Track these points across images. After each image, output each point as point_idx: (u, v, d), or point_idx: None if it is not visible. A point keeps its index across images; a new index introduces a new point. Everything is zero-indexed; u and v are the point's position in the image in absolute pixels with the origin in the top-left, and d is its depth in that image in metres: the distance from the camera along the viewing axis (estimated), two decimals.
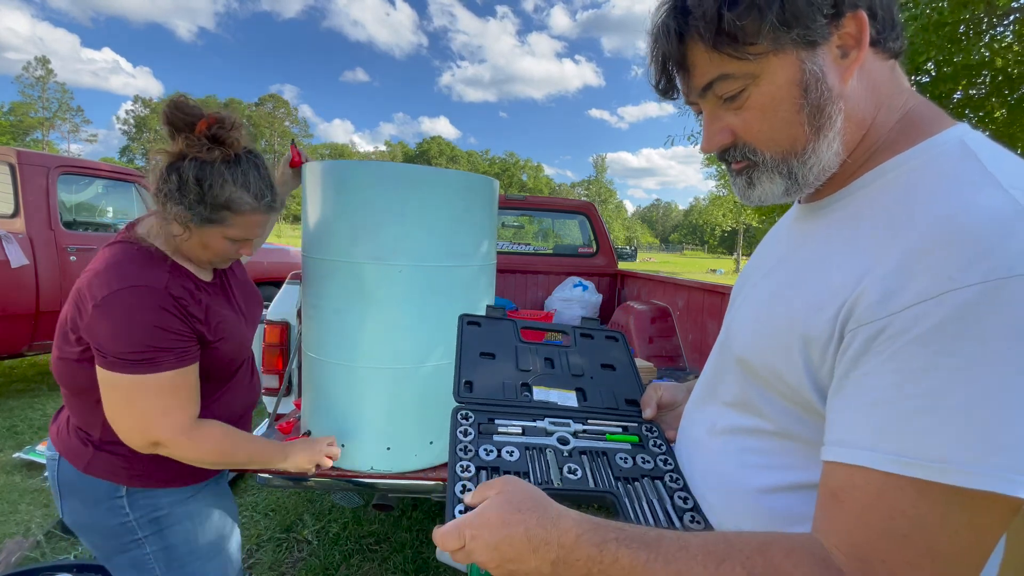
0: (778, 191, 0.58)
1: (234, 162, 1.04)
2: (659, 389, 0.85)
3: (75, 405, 1.06)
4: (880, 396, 0.43)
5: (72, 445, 1.06)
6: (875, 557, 0.42)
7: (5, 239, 3.41)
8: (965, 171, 0.48)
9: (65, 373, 1.03)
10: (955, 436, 0.39)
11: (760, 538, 0.47)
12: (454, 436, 0.71)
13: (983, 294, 0.40)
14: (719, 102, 0.57)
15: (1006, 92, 5.28)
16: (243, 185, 1.04)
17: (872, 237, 0.50)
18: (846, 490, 0.44)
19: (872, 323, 0.44)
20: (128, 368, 0.96)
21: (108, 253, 1.01)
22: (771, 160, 0.56)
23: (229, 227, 1.06)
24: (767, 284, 0.63)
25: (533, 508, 0.50)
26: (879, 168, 0.54)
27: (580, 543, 0.48)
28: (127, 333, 0.96)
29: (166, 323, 0.99)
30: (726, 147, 0.59)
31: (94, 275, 0.97)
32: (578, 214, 4.32)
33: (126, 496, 1.06)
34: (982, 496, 0.39)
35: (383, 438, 1.50)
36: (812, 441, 0.52)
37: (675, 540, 0.47)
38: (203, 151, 1.01)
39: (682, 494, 0.66)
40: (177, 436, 1.01)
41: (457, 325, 0.93)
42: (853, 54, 0.52)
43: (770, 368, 0.55)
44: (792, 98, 0.53)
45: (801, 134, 0.54)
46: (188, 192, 1.00)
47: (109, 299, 0.95)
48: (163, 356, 0.99)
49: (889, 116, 0.55)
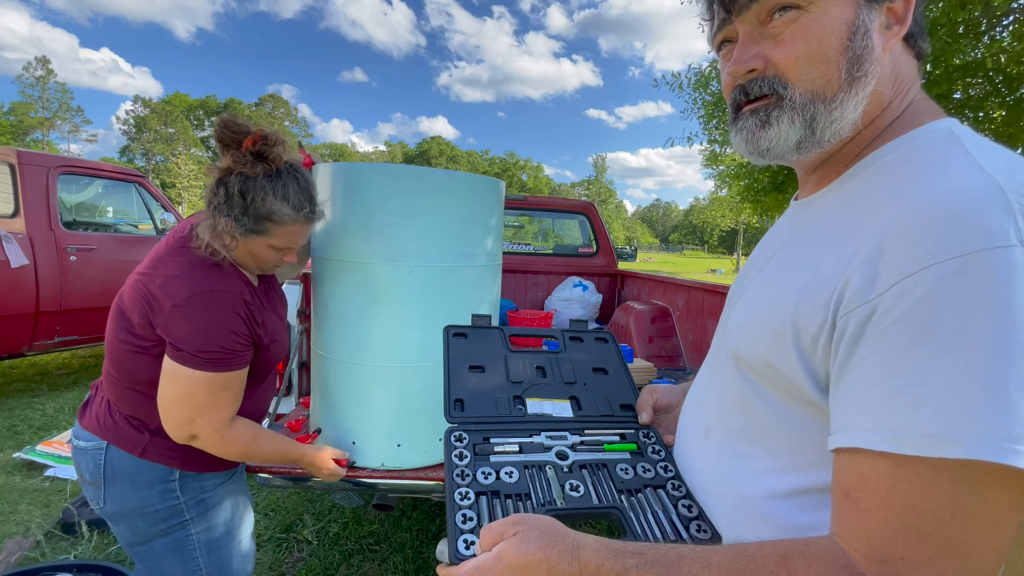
0: (793, 138, 0.55)
1: (275, 176, 1.12)
2: (654, 392, 0.85)
3: (130, 396, 1.13)
4: (872, 377, 0.43)
5: (125, 432, 1.13)
6: (894, 556, 0.41)
7: (5, 239, 3.41)
8: (948, 155, 0.49)
9: (133, 366, 1.10)
10: (943, 409, 0.39)
11: (781, 549, 0.46)
12: (449, 461, 0.69)
13: (962, 267, 0.40)
14: (760, 25, 0.55)
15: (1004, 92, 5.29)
16: (283, 197, 1.12)
17: (859, 223, 0.50)
18: (858, 488, 0.44)
19: (861, 306, 0.45)
20: (200, 364, 1.05)
21: (182, 259, 1.10)
22: (799, 98, 0.54)
23: (271, 237, 1.14)
24: (760, 278, 0.63)
25: (552, 544, 0.50)
26: (870, 156, 0.56)
27: (602, 573, 0.48)
28: (206, 332, 1.06)
29: (238, 327, 1.10)
30: (754, 75, 0.56)
31: (170, 278, 1.07)
32: (578, 214, 4.33)
33: (178, 479, 1.15)
34: (983, 472, 0.39)
35: (393, 435, 1.52)
36: (808, 440, 0.52)
37: (696, 560, 0.47)
38: (247, 166, 1.09)
39: (686, 502, 0.66)
40: (214, 432, 1.10)
41: (443, 338, 0.91)
42: (895, 29, 0.54)
43: (764, 360, 0.55)
44: (839, 35, 0.52)
45: (836, 77, 0.53)
46: (234, 205, 1.09)
47: (191, 300, 1.05)
48: (230, 357, 1.09)
49: (901, 104, 0.57)
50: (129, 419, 1.13)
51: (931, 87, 5.15)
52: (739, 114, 0.59)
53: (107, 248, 4.05)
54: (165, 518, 1.14)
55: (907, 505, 0.41)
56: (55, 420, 3.50)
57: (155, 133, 62.02)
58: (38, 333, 3.70)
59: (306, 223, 1.19)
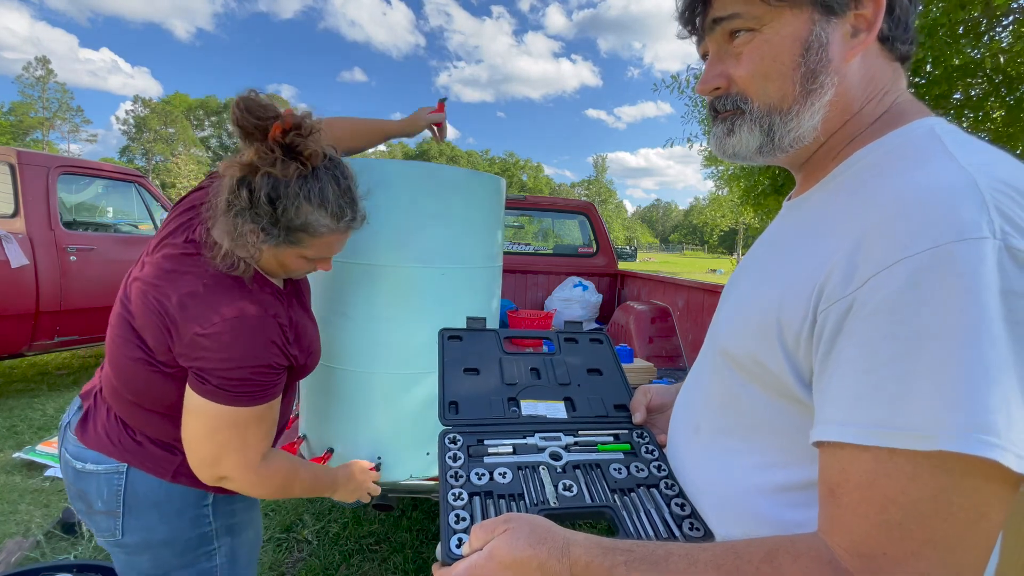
0: (753, 144, 0.60)
1: (311, 176, 0.92)
2: (648, 392, 0.85)
3: (152, 419, 0.96)
4: (851, 370, 0.44)
5: (152, 453, 0.96)
6: (877, 551, 0.42)
7: (5, 239, 3.42)
8: (926, 152, 0.50)
9: (152, 389, 0.94)
10: (920, 401, 0.40)
11: (768, 545, 0.47)
12: (443, 462, 0.70)
13: (934, 259, 0.40)
14: (725, 43, 0.59)
15: (1004, 93, 5.29)
16: (320, 204, 0.93)
17: (839, 220, 0.51)
18: (841, 483, 0.44)
19: (840, 301, 0.45)
20: (229, 399, 0.89)
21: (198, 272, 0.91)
22: (757, 111, 0.58)
23: (305, 248, 0.97)
24: (748, 277, 0.65)
25: (542, 541, 0.50)
26: (853, 156, 0.56)
27: (591, 570, 0.48)
28: (236, 364, 0.89)
29: (274, 357, 0.93)
30: (719, 93, 0.61)
31: (188, 298, 0.88)
32: (578, 214, 4.33)
33: (212, 504, 1.01)
34: (961, 464, 0.39)
35: (422, 444, 1.47)
36: (796, 436, 0.52)
37: (684, 556, 0.48)
38: (276, 166, 0.88)
39: (679, 501, 0.66)
40: (246, 472, 0.95)
41: (438, 341, 0.90)
42: (862, 36, 0.55)
43: (751, 356, 0.56)
44: (791, 53, 0.55)
45: (791, 91, 0.56)
46: (261, 212, 0.90)
47: (217, 328, 0.87)
48: (264, 390, 0.93)
49: (875, 110, 0.57)
50: (157, 441, 0.97)
51: (931, 87, 5.15)
52: (714, 120, 0.64)
53: (107, 248, 4.05)
54: (194, 546, 1.00)
55: (888, 499, 0.41)
56: (55, 420, 3.50)
57: (155, 133, 62.03)
58: (38, 333, 3.70)
59: (346, 231, 1.01)
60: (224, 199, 0.90)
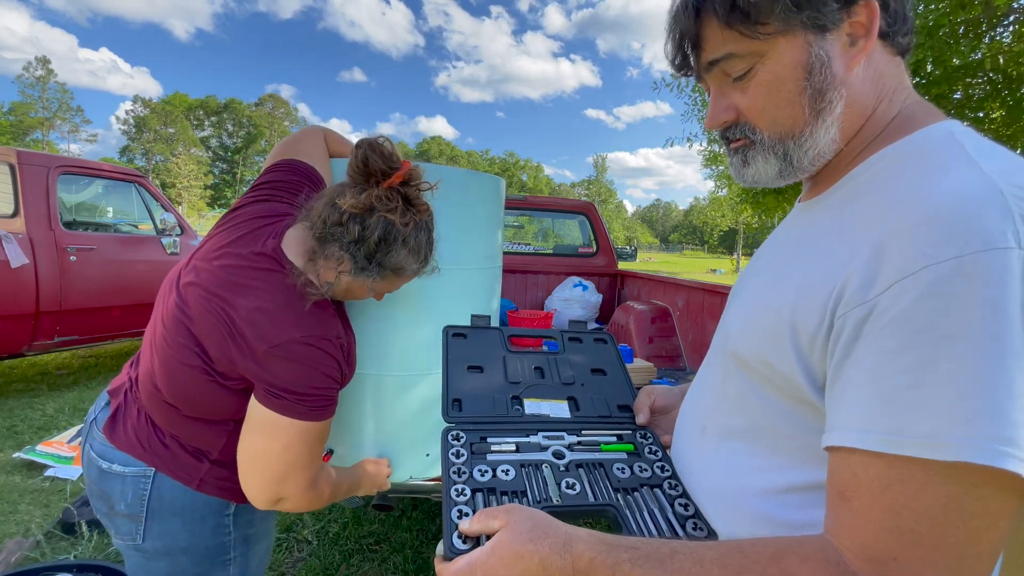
0: (772, 172, 0.59)
1: (417, 227, 0.98)
2: (652, 393, 0.85)
3: (194, 427, 0.96)
4: (868, 377, 0.43)
5: (181, 460, 0.97)
6: (887, 556, 0.41)
7: (5, 239, 3.41)
8: (948, 156, 0.49)
9: (208, 399, 0.94)
10: (937, 410, 0.40)
11: (774, 546, 0.46)
12: (446, 459, 0.70)
13: (957, 268, 0.40)
14: (727, 80, 0.58)
15: (1004, 93, 5.29)
16: (414, 251, 0.99)
17: (858, 223, 0.51)
18: (851, 488, 0.44)
19: (860, 306, 0.45)
20: (304, 413, 0.90)
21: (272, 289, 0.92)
22: (768, 140, 0.58)
23: (384, 284, 1.02)
24: (760, 279, 0.64)
25: (544, 536, 0.50)
26: (870, 159, 0.56)
27: (594, 566, 0.48)
28: (307, 378, 0.90)
29: (335, 372, 0.95)
30: (729, 124, 0.60)
31: (259, 313, 0.89)
32: (578, 214, 4.33)
33: (233, 513, 1.02)
34: (975, 474, 0.39)
35: (422, 445, 1.47)
36: (804, 438, 0.52)
37: (689, 555, 0.47)
38: (396, 214, 0.93)
39: (682, 501, 0.66)
40: (306, 490, 0.97)
41: (442, 338, 0.90)
42: (861, 43, 0.54)
43: (761, 359, 0.56)
44: (795, 79, 0.54)
45: (801, 116, 0.55)
46: (363, 247, 0.94)
47: (290, 345, 0.89)
48: (330, 405, 0.95)
49: (889, 109, 0.57)
50: (185, 446, 0.97)
51: (931, 87, 5.15)
52: (728, 150, 0.63)
53: (107, 248, 4.05)
54: (211, 556, 1.01)
55: (900, 505, 0.41)
56: (55, 420, 3.50)
57: (155, 133, 62.06)
58: (38, 333, 3.69)
59: (419, 275, 1.06)
60: (325, 227, 0.94)
